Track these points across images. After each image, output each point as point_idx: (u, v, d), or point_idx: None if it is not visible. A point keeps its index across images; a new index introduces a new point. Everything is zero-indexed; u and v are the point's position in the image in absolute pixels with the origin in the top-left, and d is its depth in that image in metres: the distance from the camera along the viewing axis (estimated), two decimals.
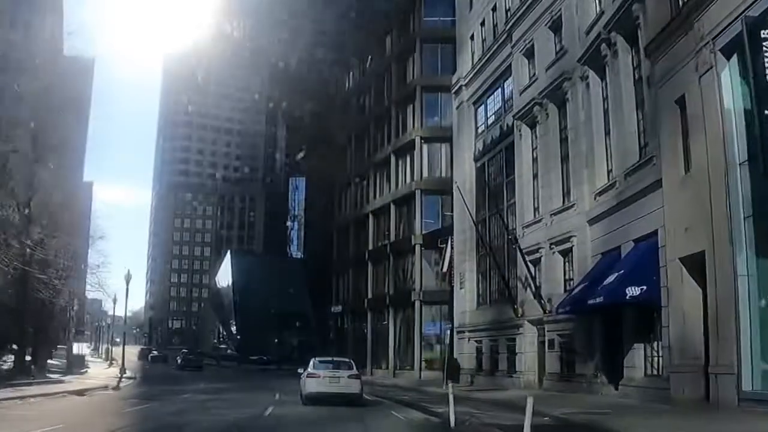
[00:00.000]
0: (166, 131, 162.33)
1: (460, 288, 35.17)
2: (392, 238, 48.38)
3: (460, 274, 35.18)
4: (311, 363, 20.48)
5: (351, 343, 53.92)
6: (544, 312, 24.91)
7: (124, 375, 34.66)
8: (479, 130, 35.21)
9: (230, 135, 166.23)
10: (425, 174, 46.16)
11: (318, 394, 19.01)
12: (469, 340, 33.55)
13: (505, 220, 29.35)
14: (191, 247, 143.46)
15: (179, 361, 57.59)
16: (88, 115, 54.49)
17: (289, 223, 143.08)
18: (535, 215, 27.23)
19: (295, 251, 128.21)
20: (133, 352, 69.48)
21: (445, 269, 37.69)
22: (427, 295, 43.29)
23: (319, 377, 19.46)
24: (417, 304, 43.69)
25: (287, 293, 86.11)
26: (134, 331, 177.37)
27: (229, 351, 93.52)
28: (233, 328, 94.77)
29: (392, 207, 48.75)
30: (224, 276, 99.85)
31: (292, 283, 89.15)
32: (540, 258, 25.98)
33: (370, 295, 50.88)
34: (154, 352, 77.42)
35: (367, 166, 53.78)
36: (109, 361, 59.20)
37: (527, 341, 26.95)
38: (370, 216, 52.19)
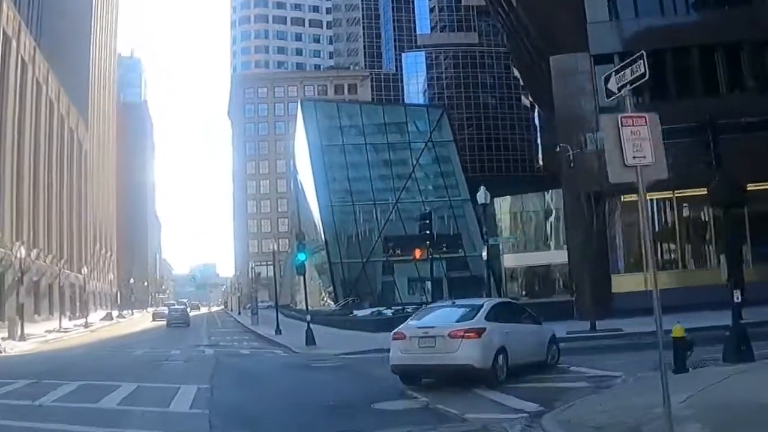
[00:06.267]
0: (235, 19, 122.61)
1: None
2: None
3: None
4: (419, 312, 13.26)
5: None
6: None
7: None
8: None
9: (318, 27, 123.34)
10: None
11: (405, 367, 11.18)
12: None
13: None
14: (271, 163, 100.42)
15: (167, 318, 50.13)
16: None
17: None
18: None
19: None
20: None
21: None
22: None
23: (404, 338, 11.11)
24: None
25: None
26: (221, 289, 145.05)
27: (329, 304, 52.52)
28: (324, 264, 51.24)
29: None
30: (300, 150, 55.86)
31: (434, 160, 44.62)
32: None
33: None
34: (162, 308, 65.04)
35: None
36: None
37: None
38: None
